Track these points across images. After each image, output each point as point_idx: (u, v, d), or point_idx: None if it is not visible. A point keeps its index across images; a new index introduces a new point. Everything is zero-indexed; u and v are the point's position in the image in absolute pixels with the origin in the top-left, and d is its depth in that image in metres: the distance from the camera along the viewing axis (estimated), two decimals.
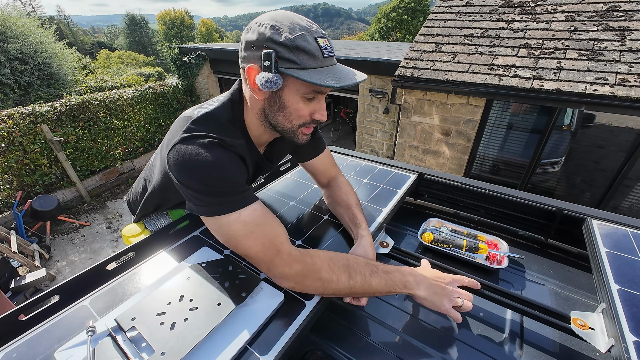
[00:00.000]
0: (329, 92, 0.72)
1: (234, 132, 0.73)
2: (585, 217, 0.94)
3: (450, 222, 1.13)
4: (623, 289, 0.67)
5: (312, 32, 0.63)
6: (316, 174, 1.07)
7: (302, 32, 0.62)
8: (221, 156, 0.65)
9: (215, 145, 0.65)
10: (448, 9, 4.07)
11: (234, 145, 0.69)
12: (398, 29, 22.46)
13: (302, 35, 0.61)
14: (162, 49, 27.05)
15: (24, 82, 6.55)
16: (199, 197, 0.64)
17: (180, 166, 0.64)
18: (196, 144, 0.64)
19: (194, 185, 0.64)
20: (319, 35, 0.64)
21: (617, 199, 3.19)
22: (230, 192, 0.65)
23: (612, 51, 2.80)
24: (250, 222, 0.65)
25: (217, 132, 0.68)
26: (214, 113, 0.72)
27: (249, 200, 0.67)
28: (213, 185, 0.63)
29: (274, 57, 0.60)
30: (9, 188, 4.80)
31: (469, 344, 0.72)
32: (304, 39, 0.61)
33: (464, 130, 3.57)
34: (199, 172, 0.63)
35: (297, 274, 0.65)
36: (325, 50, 0.64)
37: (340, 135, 8.71)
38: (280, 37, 0.60)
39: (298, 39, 0.61)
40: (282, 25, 0.61)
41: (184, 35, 30.66)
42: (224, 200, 0.64)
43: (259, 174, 0.94)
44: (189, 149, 0.64)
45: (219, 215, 0.64)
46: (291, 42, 0.60)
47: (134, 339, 0.57)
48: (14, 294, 3.33)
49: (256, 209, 0.67)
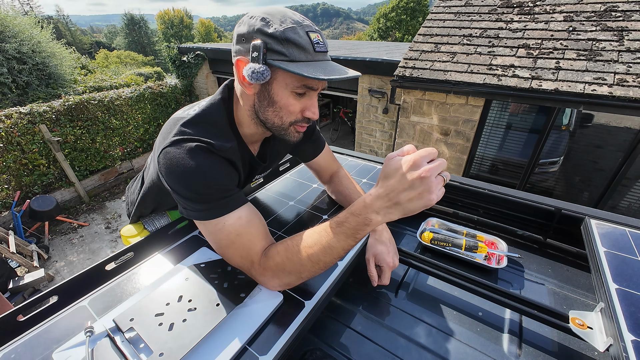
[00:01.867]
0: (321, 89, 0.69)
1: (225, 133, 0.72)
2: (584, 217, 0.94)
3: (450, 221, 1.13)
4: (621, 289, 0.67)
5: (304, 26, 0.62)
6: (319, 171, 1.09)
7: (292, 24, 0.60)
8: (207, 162, 0.64)
9: (202, 150, 0.65)
10: (447, 9, 4.08)
11: (222, 150, 0.68)
12: (397, 29, 22.48)
13: (292, 28, 0.60)
14: (161, 48, 26.95)
15: (22, 82, 6.53)
16: (186, 202, 0.65)
17: (168, 171, 0.64)
18: (184, 148, 0.64)
19: (180, 190, 0.64)
20: (311, 29, 0.63)
21: (615, 198, 3.20)
22: (216, 198, 0.65)
23: (610, 51, 2.81)
24: (232, 232, 0.66)
25: (206, 134, 0.67)
26: (205, 114, 0.71)
27: (235, 205, 0.67)
28: (198, 192, 0.64)
29: (263, 49, 0.59)
30: (7, 188, 4.78)
31: (468, 344, 0.72)
32: (295, 32, 0.60)
33: (463, 130, 3.57)
34: (185, 177, 0.63)
35: (270, 280, 0.67)
36: (317, 45, 0.62)
37: (340, 135, 8.71)
38: (269, 29, 0.59)
39: (288, 31, 0.60)
40: (272, 18, 0.60)
41: (183, 35, 30.62)
42: (209, 206, 0.65)
43: (253, 174, 0.92)
44: (176, 154, 0.63)
45: (206, 220, 0.66)
46: (281, 33, 0.59)
47: (133, 339, 0.57)
48: (12, 295, 3.32)
49: (240, 217, 0.67)
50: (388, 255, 0.83)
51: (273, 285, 0.68)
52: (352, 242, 0.59)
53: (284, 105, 0.67)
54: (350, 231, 0.58)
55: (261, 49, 0.59)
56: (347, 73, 0.64)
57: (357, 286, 0.91)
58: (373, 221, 0.55)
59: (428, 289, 0.89)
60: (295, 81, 0.64)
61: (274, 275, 0.66)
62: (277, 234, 0.94)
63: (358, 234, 0.57)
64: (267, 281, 0.68)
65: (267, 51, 0.60)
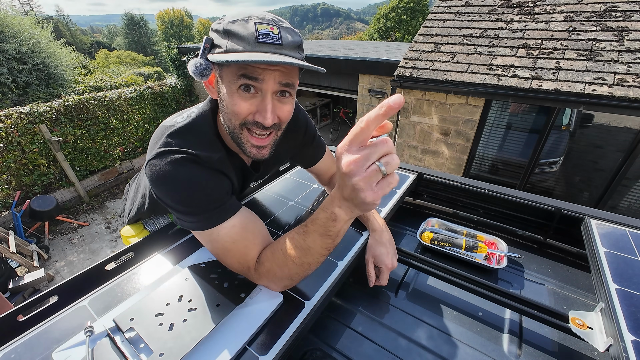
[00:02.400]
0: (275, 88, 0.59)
1: (212, 143, 0.69)
2: (584, 217, 0.94)
3: (450, 221, 1.13)
4: (621, 289, 0.67)
5: (259, 20, 0.56)
6: (319, 174, 1.09)
7: (245, 18, 0.56)
8: (194, 173, 0.63)
9: (188, 162, 0.63)
10: (447, 9, 4.08)
11: (209, 161, 0.65)
12: (397, 29, 22.48)
13: (240, 21, 0.56)
14: (161, 48, 27.00)
15: (22, 82, 6.53)
16: (178, 214, 0.65)
17: (155, 183, 0.63)
18: (169, 160, 0.62)
19: (169, 203, 0.64)
20: (263, 22, 0.56)
21: (615, 198, 3.20)
22: (206, 209, 0.64)
23: (610, 51, 2.81)
24: (227, 240, 0.66)
25: (193, 145, 0.65)
26: (192, 125, 0.68)
27: (228, 215, 0.66)
28: (187, 204, 0.63)
29: (205, 44, 0.59)
30: (7, 188, 4.78)
31: (467, 344, 0.72)
32: (240, 24, 0.55)
33: (463, 130, 3.57)
34: (173, 190, 0.62)
35: (268, 284, 0.68)
36: (262, 36, 0.55)
37: (340, 135, 8.71)
38: (219, 25, 0.58)
39: (232, 23, 0.56)
40: (231, 15, 0.58)
41: (182, 35, 30.62)
42: (200, 217, 0.64)
43: (248, 182, 0.89)
44: (161, 166, 0.62)
45: (199, 230, 0.66)
46: (224, 27, 0.56)
47: (133, 339, 0.57)
48: (12, 295, 3.32)
49: (234, 225, 0.66)
50: (387, 256, 0.83)
51: (273, 288, 0.69)
52: (327, 240, 0.57)
53: (230, 104, 0.60)
54: (322, 228, 0.56)
55: (204, 45, 0.59)
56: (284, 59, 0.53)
57: (357, 286, 0.91)
58: (339, 216, 0.53)
59: (428, 289, 0.89)
60: (231, 75, 0.58)
61: (268, 280, 0.67)
62: (277, 234, 0.94)
63: (329, 230, 0.55)
64: (266, 285, 0.69)
65: (211, 47, 0.59)
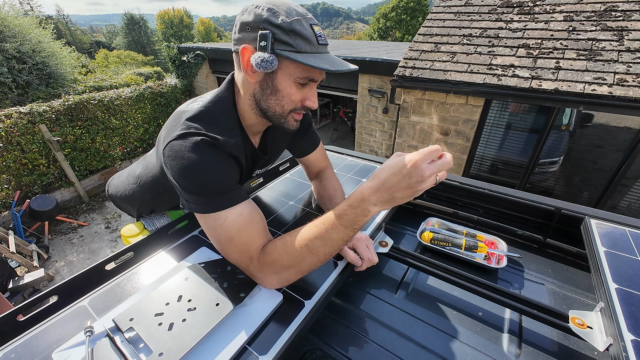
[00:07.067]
0: (321, 79, 0.72)
1: (230, 128, 0.73)
2: (584, 217, 0.94)
3: (450, 221, 1.13)
4: (621, 288, 0.67)
5: (308, 19, 0.65)
6: (309, 166, 1.11)
7: (298, 17, 0.63)
8: (212, 156, 0.66)
9: (207, 145, 0.66)
10: (447, 9, 4.08)
11: (227, 145, 0.69)
12: (397, 28, 22.47)
13: (298, 20, 0.62)
14: (161, 48, 26.93)
15: (22, 82, 6.53)
16: (188, 195, 0.66)
17: (173, 163, 0.65)
18: (189, 141, 0.65)
19: (183, 183, 0.65)
20: (314, 22, 0.66)
21: (615, 198, 3.20)
22: (217, 192, 0.66)
23: (610, 51, 2.81)
24: (232, 228, 0.66)
25: (212, 129, 0.69)
26: (210, 109, 0.72)
27: (237, 201, 0.68)
28: (201, 185, 0.65)
29: (271, 38, 0.61)
30: (7, 188, 4.78)
31: (467, 343, 0.72)
32: (300, 24, 0.63)
33: (462, 130, 3.57)
34: (189, 170, 0.64)
35: (269, 276, 0.68)
36: (319, 37, 0.65)
37: (340, 135, 8.71)
38: (277, 20, 0.61)
39: (295, 23, 0.62)
40: (279, 9, 0.62)
41: (182, 35, 30.58)
42: (210, 199, 0.66)
43: (255, 168, 0.94)
44: (182, 147, 0.65)
45: (206, 213, 0.67)
46: (288, 25, 0.61)
47: (132, 339, 0.57)
48: (12, 294, 3.32)
49: (242, 213, 0.67)
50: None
51: (271, 282, 0.68)
52: (350, 232, 0.62)
53: (287, 94, 0.69)
54: (349, 222, 0.61)
55: (269, 39, 0.61)
56: (348, 66, 0.67)
57: (357, 286, 0.91)
58: (371, 212, 0.60)
59: (428, 289, 0.89)
60: (299, 72, 0.66)
61: (272, 270, 0.67)
62: (277, 234, 0.94)
63: (357, 224, 0.61)
64: (265, 277, 0.68)
65: (275, 41, 0.62)
